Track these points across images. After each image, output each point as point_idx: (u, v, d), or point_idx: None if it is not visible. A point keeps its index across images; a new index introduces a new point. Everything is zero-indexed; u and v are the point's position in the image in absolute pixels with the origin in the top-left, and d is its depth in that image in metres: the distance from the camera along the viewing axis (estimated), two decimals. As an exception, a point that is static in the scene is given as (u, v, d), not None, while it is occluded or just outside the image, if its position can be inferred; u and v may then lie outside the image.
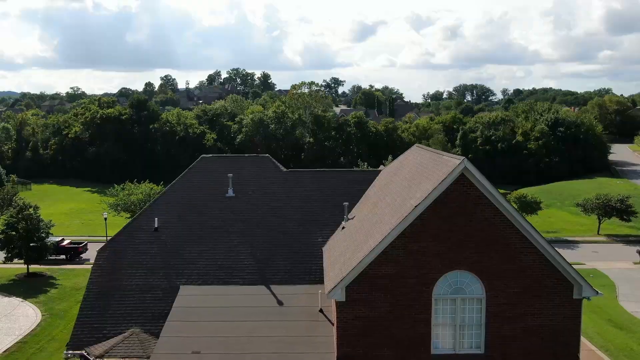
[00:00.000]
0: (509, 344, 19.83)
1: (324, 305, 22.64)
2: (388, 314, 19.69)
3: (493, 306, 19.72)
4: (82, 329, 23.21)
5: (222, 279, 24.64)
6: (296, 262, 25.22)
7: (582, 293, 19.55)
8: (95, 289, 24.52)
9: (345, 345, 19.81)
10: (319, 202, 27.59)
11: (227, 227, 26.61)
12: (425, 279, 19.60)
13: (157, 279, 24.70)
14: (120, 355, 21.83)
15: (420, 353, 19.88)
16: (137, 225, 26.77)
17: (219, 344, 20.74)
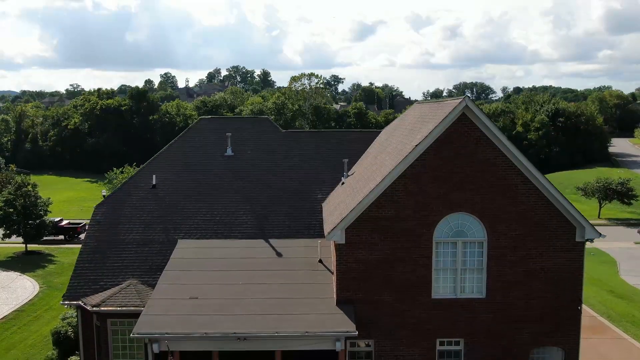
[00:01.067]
0: (510, 287, 19.59)
1: (323, 257, 22.39)
2: (388, 257, 19.44)
3: (494, 249, 19.47)
4: (78, 281, 22.95)
5: (221, 233, 24.39)
6: (295, 217, 24.97)
7: (585, 235, 19.28)
8: (92, 243, 24.27)
9: (345, 289, 19.55)
10: (319, 161, 27.35)
11: (225, 184, 26.36)
12: (425, 222, 19.35)
13: (155, 233, 24.45)
14: (117, 304, 21.57)
15: (421, 297, 19.63)
16: (134, 183, 26.53)
17: (216, 290, 20.48)
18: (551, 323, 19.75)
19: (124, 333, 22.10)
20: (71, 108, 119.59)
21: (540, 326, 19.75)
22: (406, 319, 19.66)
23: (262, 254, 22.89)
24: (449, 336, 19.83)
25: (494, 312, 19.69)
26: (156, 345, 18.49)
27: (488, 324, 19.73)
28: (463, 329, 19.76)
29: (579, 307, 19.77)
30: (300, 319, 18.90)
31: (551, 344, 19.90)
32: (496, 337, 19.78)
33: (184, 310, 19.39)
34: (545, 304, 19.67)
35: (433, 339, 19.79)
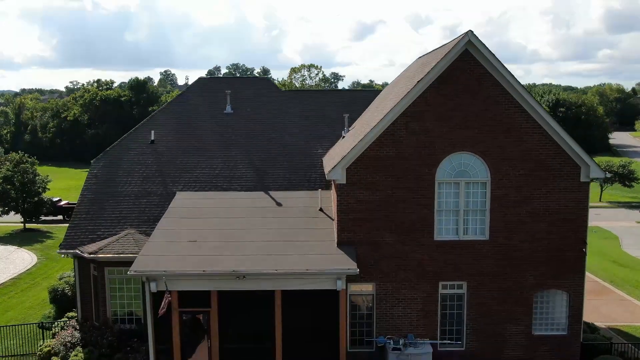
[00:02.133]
0: (514, 229, 19.28)
1: (324, 206, 22.07)
2: (390, 198, 19.13)
3: (498, 190, 19.16)
4: (75, 231, 22.62)
5: (220, 186, 24.08)
6: (295, 171, 24.66)
7: (590, 174, 18.97)
8: (89, 195, 23.96)
9: (346, 230, 19.24)
10: (319, 119, 27.07)
11: (225, 140, 26.06)
12: (428, 161, 19.04)
13: (154, 186, 24.15)
14: (114, 252, 21.24)
15: (423, 239, 19.32)
16: (132, 138, 26.22)
17: (215, 234, 20.18)
18: (555, 265, 19.44)
19: (122, 282, 21.79)
20: (70, 100, 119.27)
21: (544, 269, 19.44)
22: (408, 260, 19.35)
23: (261, 203, 22.58)
24: (452, 279, 19.52)
25: (497, 254, 19.38)
26: (154, 284, 18.18)
27: (491, 267, 19.42)
28: (466, 271, 19.45)
29: (584, 249, 19.44)
30: (301, 258, 18.59)
31: (555, 287, 19.58)
32: (499, 280, 19.47)
33: (182, 251, 19.09)
34: (550, 245, 19.35)
35: (436, 281, 19.49)
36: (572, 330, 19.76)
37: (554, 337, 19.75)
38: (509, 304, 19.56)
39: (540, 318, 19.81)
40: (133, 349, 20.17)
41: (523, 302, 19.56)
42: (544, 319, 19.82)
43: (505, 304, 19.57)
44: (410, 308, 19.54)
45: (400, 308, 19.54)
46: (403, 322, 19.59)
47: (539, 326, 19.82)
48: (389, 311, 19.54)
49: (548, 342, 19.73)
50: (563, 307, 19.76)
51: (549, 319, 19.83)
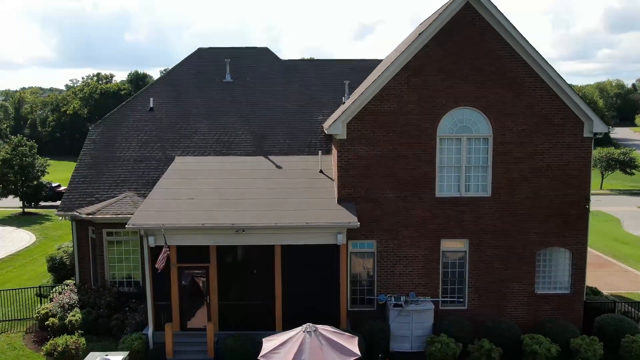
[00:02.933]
0: (516, 185, 19.06)
1: (324, 168, 21.84)
2: (391, 153, 18.92)
3: (500, 145, 18.95)
4: (73, 194, 22.42)
5: (219, 151, 23.85)
6: (295, 136, 24.43)
7: (594, 128, 18.76)
8: (87, 160, 23.76)
9: (346, 186, 19.03)
10: (320, 87, 26.83)
11: (224, 107, 25.83)
12: (429, 116, 18.83)
13: (152, 151, 23.93)
14: (112, 212, 21.03)
15: (425, 195, 19.11)
16: (131, 106, 26.00)
17: (215, 193, 19.95)
18: (558, 223, 19.22)
19: (120, 244, 21.59)
20: (70, 94, 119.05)
21: (547, 226, 19.22)
22: (409, 217, 19.13)
23: (261, 166, 22.35)
24: (454, 236, 19.29)
25: (499, 212, 19.16)
26: (152, 238, 17.97)
27: (493, 224, 19.20)
28: (468, 228, 19.23)
29: (587, 206, 19.23)
30: (301, 213, 18.38)
31: (558, 244, 19.36)
32: (501, 237, 19.25)
33: (181, 207, 18.87)
34: (552, 203, 19.14)
35: (437, 238, 19.27)
36: (575, 289, 19.54)
37: (557, 296, 19.53)
38: (512, 262, 19.34)
39: (543, 277, 19.58)
40: (131, 308, 19.95)
41: (526, 260, 19.33)
42: (547, 278, 19.59)
43: (508, 262, 19.35)
44: (412, 266, 19.32)
45: (402, 266, 19.32)
46: (404, 281, 19.37)
47: (542, 285, 19.59)
48: (390, 269, 19.32)
49: (551, 301, 19.51)
50: (566, 265, 19.54)
51: (552, 278, 19.60)
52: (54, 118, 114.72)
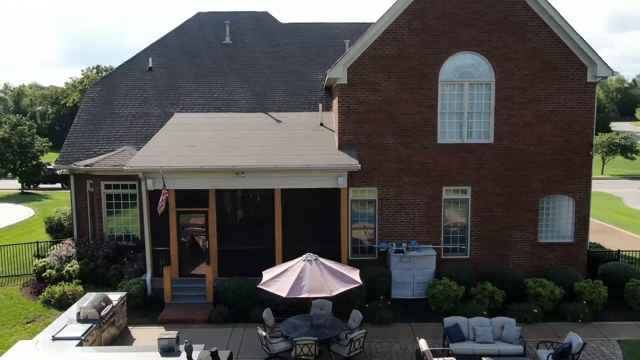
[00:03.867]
0: (519, 132, 18.84)
1: (325, 122, 21.63)
2: (392, 98, 18.70)
3: (502, 91, 18.73)
4: (71, 148, 22.20)
5: (219, 108, 23.63)
6: (295, 94, 24.22)
7: (597, 72, 18.52)
8: (85, 116, 23.55)
9: (347, 132, 18.81)
10: (320, 47, 26.61)
11: (224, 67, 25.64)
12: (430, 61, 18.61)
13: (151, 108, 23.72)
14: (110, 164, 20.81)
15: (426, 141, 18.88)
16: (129, 66, 25.78)
17: (214, 142, 19.72)
18: (561, 170, 19.00)
19: (118, 197, 21.35)
20: (70, 87, 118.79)
21: (550, 173, 19.00)
22: (411, 164, 18.91)
23: (261, 120, 22.13)
24: (456, 183, 19.07)
25: (501, 158, 18.94)
26: (150, 181, 17.76)
27: (496, 171, 18.98)
28: (470, 175, 19.01)
29: (591, 153, 19.00)
30: (301, 157, 18.16)
31: (561, 192, 19.13)
32: (504, 185, 19.02)
33: (181, 152, 18.65)
34: (555, 149, 18.92)
35: (439, 185, 19.04)
36: (579, 238, 19.31)
37: (560, 245, 19.30)
38: (514, 210, 19.12)
39: (546, 225, 19.35)
40: (130, 259, 19.71)
41: (528, 208, 19.11)
42: (550, 226, 19.37)
43: (511, 210, 19.12)
44: (414, 214, 19.09)
45: (403, 214, 19.09)
46: (406, 229, 19.14)
47: (545, 233, 19.37)
48: (391, 217, 19.09)
49: (555, 250, 19.28)
50: (569, 213, 19.31)
51: (555, 226, 19.38)
52: (54, 111, 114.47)
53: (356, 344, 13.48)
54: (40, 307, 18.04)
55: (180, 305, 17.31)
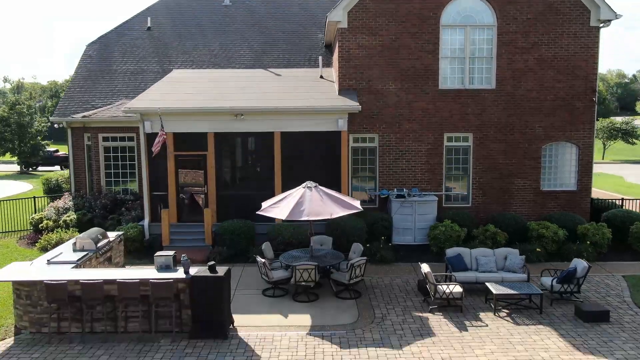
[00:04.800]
0: (521, 77, 18.61)
1: (325, 75, 21.40)
2: (393, 43, 18.47)
3: (504, 35, 18.50)
4: (68, 102, 21.97)
5: (218, 64, 23.41)
6: (295, 52, 24.00)
7: (601, 15, 18.29)
8: (83, 73, 23.31)
9: (347, 77, 18.58)
10: (321, 8, 26.37)
11: (223, 27, 25.42)
12: (432, 4, 18.39)
13: (149, 65, 23.51)
14: (108, 115, 20.59)
15: (428, 87, 18.66)
16: (128, 27, 25.55)
17: (214, 88, 19.49)
18: (564, 116, 18.77)
19: (116, 151, 21.12)
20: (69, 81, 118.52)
21: (553, 119, 18.77)
22: (412, 110, 18.69)
23: (261, 75, 21.90)
24: (457, 130, 18.84)
25: (503, 104, 18.72)
26: (148, 123, 17.54)
27: (498, 117, 18.75)
28: (472, 122, 18.79)
29: (594, 98, 18.78)
30: (301, 100, 17.93)
31: (564, 139, 18.91)
32: (506, 131, 18.80)
33: (179, 97, 18.43)
34: (558, 95, 18.70)
35: (440, 132, 18.81)
36: (582, 186, 19.09)
37: (563, 193, 19.07)
38: (517, 157, 18.89)
39: (549, 173, 19.13)
40: (128, 208, 19.48)
41: (531, 156, 18.89)
42: (553, 174, 19.15)
43: (513, 158, 18.90)
44: (415, 161, 18.86)
45: (404, 161, 18.86)
46: (407, 177, 18.91)
47: (547, 181, 19.14)
48: (392, 164, 18.86)
49: (557, 198, 19.05)
50: (572, 161, 19.08)
51: (558, 174, 19.16)
52: (54, 104, 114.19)
53: (357, 270, 13.25)
54: (37, 253, 17.80)
55: (178, 248, 17.07)
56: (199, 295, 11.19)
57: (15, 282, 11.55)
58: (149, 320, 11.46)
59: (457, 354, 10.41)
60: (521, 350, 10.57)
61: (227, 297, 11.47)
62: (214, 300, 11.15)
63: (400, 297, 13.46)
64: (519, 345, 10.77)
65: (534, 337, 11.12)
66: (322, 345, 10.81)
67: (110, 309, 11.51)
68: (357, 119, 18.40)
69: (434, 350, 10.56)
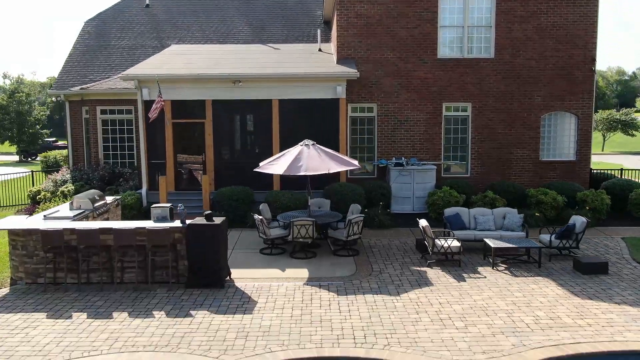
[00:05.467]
0: (520, 46, 18.56)
1: (324, 49, 21.34)
2: (391, 11, 18.42)
3: (503, 3, 18.44)
4: (66, 76, 21.93)
5: (217, 40, 23.37)
6: (294, 28, 23.97)
7: (599, -17, 18.24)
8: (80, 47, 23.27)
9: (346, 46, 18.52)
10: (319, -13, 26.32)
11: (222, 4, 25.38)
12: (431, -27, 18.35)
13: (148, 40, 23.47)
14: (106, 87, 20.53)
15: (426, 56, 18.60)
16: (126, 4, 25.51)
17: (211, 60, 19.44)
18: (563, 86, 18.71)
19: (114, 123, 21.07)
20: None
21: (552, 89, 18.72)
22: (411, 79, 18.63)
23: (260, 49, 21.84)
24: (456, 100, 18.78)
25: (502, 73, 18.66)
26: (146, 90, 17.49)
27: (497, 87, 18.69)
28: (470, 91, 18.73)
29: (593, 68, 18.73)
30: (300, 68, 17.88)
31: (563, 109, 18.85)
32: (505, 101, 18.74)
33: (178, 66, 18.37)
34: (557, 64, 18.64)
35: (439, 102, 18.76)
36: (581, 156, 19.04)
37: (562, 163, 19.02)
38: (516, 126, 18.84)
39: (547, 143, 19.08)
40: (125, 179, 19.43)
41: (530, 125, 18.83)
42: (552, 144, 19.09)
43: (512, 127, 18.84)
44: (413, 130, 18.81)
45: (403, 131, 18.81)
46: (405, 146, 18.85)
47: (546, 151, 19.09)
48: (390, 134, 18.81)
49: (556, 168, 19.00)
50: (571, 130, 19.03)
51: (557, 144, 19.10)
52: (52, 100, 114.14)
53: (354, 227, 13.19)
54: (34, 221, 17.73)
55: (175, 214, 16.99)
56: (196, 245, 11.13)
57: (11, 231, 11.50)
58: (145, 271, 11.40)
59: (455, 299, 10.36)
60: (519, 296, 10.52)
61: (223, 247, 11.42)
62: (211, 249, 11.09)
63: (398, 255, 13.41)
64: (517, 292, 10.72)
65: (532, 286, 11.07)
66: (319, 292, 10.76)
67: (106, 259, 11.45)
68: (355, 88, 18.35)
69: (431, 296, 10.51)
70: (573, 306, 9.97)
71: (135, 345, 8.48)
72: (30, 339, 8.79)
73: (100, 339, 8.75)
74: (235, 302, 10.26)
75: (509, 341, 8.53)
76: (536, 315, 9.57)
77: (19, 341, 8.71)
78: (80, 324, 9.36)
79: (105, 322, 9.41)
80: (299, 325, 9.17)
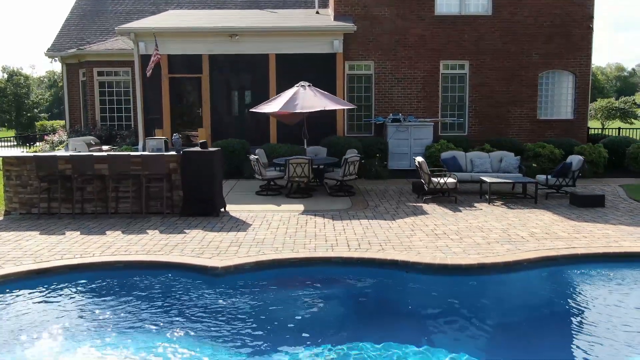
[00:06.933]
0: (518, 3, 18.49)
1: (321, 12, 21.30)
2: (389, -32, 18.37)
3: (501, -39, 18.41)
4: (63, 39, 21.90)
5: (214, 6, 23.33)
6: (292, -5, 23.92)
7: (597, -60, 18.18)
8: (78, 12, 23.26)
9: (343, 3, 18.46)
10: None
11: (219, -26, 25.32)
12: None
13: (145, 6, 23.48)
14: (103, 47, 20.47)
15: (424, 12, 18.55)
16: (124, -27, 25.45)
17: (208, 19, 19.37)
18: (561, 43, 18.66)
19: (111, 85, 21.02)
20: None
21: (550, 46, 18.66)
22: (408, 36, 18.58)
23: (257, 13, 21.79)
24: (454, 57, 18.73)
25: (500, 31, 18.60)
26: (142, 44, 17.45)
27: (494, 44, 18.64)
28: (468, 49, 18.67)
29: (591, 25, 18.68)
30: (297, 22, 17.83)
31: (561, 67, 18.80)
32: (503, 59, 18.68)
33: (175, 22, 18.32)
34: (555, 22, 18.58)
35: (437, 59, 18.70)
36: (579, 114, 18.99)
37: (560, 122, 18.97)
38: (513, 84, 18.79)
39: (545, 101, 19.03)
40: (122, 137, 19.38)
41: (527, 83, 18.78)
42: (550, 102, 19.04)
43: (509, 85, 18.79)
44: (411, 88, 18.76)
45: (400, 88, 18.75)
46: (403, 104, 18.80)
47: (544, 110, 19.05)
48: (387, 92, 18.75)
49: (554, 127, 18.95)
50: (569, 89, 18.99)
51: (555, 102, 19.05)
52: (52, 93, 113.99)
53: (350, 167, 13.14)
54: (30, 176, 17.67)
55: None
56: (190, 172, 11.09)
57: (5, 160, 11.48)
58: (140, 201, 11.35)
59: (451, 222, 10.32)
60: (515, 220, 10.48)
61: (219, 176, 11.37)
62: (205, 178, 11.04)
63: (394, 196, 13.36)
64: (514, 218, 10.68)
65: (529, 215, 11.03)
66: (314, 219, 10.72)
67: (100, 189, 11.40)
68: (352, 45, 18.29)
69: (427, 221, 10.46)
70: (569, 226, 9.93)
71: (128, 251, 8.44)
72: (22, 246, 8.76)
73: (93, 247, 8.71)
74: (229, 225, 10.22)
75: (504, 247, 8.49)
76: (532, 231, 9.53)
77: (12, 248, 8.67)
78: (73, 237, 9.33)
79: (98, 237, 9.37)
80: (293, 238, 9.14)
